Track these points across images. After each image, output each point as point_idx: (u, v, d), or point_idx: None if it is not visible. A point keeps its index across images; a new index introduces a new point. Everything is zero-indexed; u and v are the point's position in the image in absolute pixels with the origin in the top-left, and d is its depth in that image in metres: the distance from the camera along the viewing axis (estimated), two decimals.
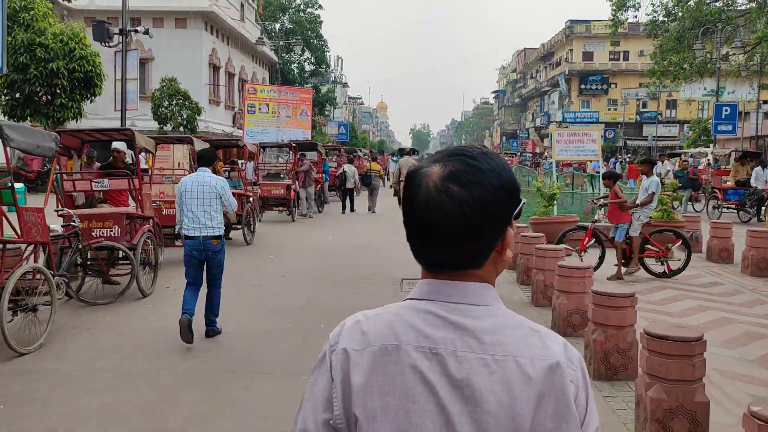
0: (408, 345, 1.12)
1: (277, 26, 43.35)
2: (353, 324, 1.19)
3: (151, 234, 8.19)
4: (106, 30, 13.69)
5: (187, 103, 23.60)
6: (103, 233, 7.50)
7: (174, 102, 23.39)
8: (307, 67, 49.99)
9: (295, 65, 48.91)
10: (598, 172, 16.96)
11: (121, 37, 13.99)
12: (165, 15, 30.56)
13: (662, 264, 9.43)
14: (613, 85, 71.34)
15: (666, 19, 35.88)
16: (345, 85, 52.92)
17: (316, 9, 49.32)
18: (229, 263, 7.04)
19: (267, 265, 10.30)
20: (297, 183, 17.45)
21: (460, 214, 1.10)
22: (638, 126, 65.75)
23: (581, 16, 71.86)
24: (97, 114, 21.56)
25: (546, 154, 44.11)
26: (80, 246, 7.06)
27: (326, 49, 49.45)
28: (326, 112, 51.78)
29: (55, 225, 7.30)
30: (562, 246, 8.43)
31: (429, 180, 1.13)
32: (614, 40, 45.79)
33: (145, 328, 6.67)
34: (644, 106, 69.06)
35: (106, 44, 13.59)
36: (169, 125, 23.72)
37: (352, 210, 19.51)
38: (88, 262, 7.42)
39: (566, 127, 66.97)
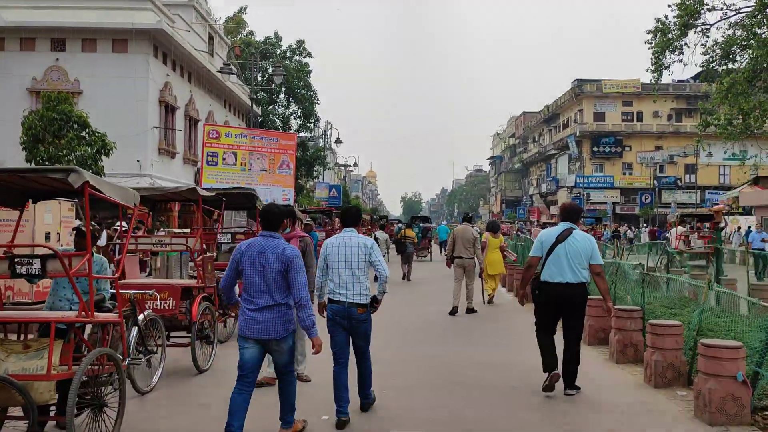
0: None
1: (259, 76, 35.90)
2: None
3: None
4: None
5: (86, 135, 14.00)
6: None
7: (62, 131, 13.49)
8: (293, 123, 42.39)
9: (279, 118, 41.32)
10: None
11: None
12: (98, 34, 22.52)
13: None
14: (627, 148, 66.67)
15: (723, 62, 29.58)
16: (338, 141, 45.33)
17: (304, 57, 42.17)
18: None
19: None
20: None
21: None
22: (655, 192, 60.94)
23: (588, 76, 67.22)
24: None
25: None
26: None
27: (316, 101, 41.98)
28: (314, 173, 43.95)
29: None
30: None
31: None
32: (648, 98, 39.22)
33: None
34: (661, 170, 64.69)
35: None
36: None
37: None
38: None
39: (578, 194, 60.70)
